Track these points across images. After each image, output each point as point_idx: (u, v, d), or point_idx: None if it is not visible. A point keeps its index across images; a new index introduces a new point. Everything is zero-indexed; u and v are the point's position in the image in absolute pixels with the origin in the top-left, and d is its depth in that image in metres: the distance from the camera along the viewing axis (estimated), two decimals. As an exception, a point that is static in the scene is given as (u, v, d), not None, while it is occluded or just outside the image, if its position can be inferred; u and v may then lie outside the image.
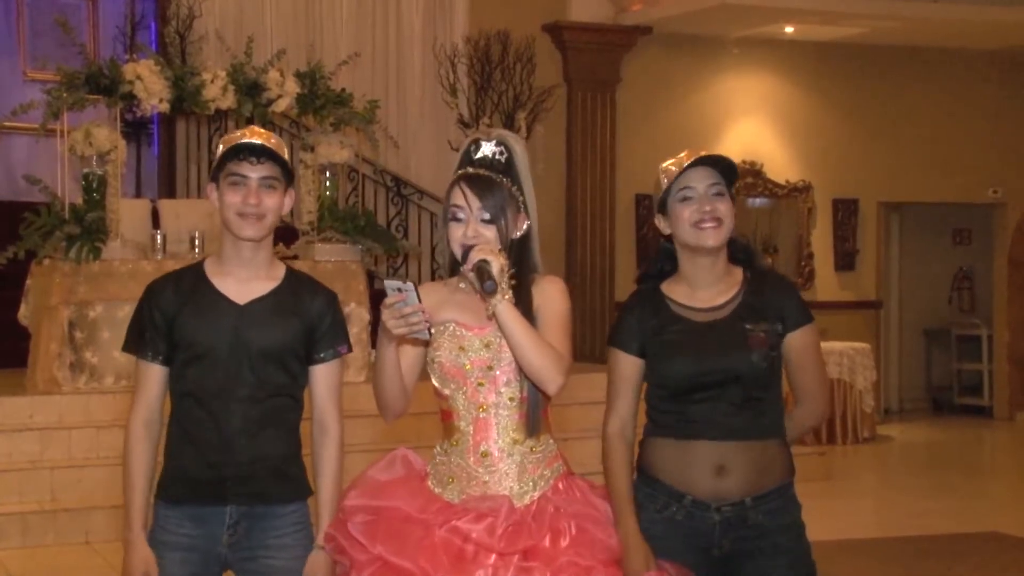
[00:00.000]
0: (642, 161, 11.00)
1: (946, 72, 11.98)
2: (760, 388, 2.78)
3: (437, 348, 2.62)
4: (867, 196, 11.99)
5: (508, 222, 2.61)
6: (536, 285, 2.64)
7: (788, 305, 2.83)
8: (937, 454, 10.47)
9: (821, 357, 2.92)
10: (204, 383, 2.79)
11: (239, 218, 2.77)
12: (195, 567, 2.80)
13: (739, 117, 11.62)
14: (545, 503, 2.55)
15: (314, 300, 2.88)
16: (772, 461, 2.79)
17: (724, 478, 2.74)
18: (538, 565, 2.45)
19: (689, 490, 2.76)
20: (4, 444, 7.05)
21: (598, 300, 10.72)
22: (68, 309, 7.47)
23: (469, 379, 2.60)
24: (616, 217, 11.02)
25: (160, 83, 7.76)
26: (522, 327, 2.50)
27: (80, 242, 7.40)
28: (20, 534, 6.68)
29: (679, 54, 11.14)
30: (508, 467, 2.58)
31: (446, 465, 2.62)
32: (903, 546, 6.97)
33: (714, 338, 2.78)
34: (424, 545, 2.47)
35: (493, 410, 2.59)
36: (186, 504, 2.80)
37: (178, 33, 9.87)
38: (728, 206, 2.80)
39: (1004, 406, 12.34)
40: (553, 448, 2.65)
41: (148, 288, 2.89)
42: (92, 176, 7.68)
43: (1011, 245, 12.48)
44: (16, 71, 10.78)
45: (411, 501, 2.57)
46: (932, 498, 8.38)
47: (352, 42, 10.30)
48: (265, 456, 2.80)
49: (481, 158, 2.64)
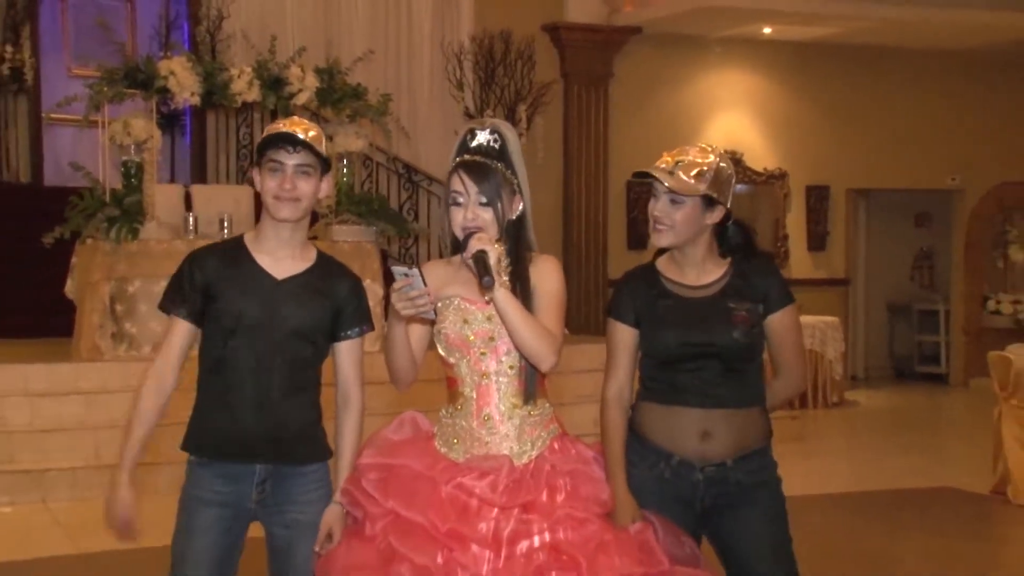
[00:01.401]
0: (633, 150, 11.00)
1: (911, 70, 12.01)
2: (741, 361, 2.77)
3: (443, 320, 2.61)
4: (837, 183, 12.04)
5: (504, 204, 2.60)
6: (533, 264, 2.63)
7: (771, 287, 2.82)
8: (899, 417, 10.50)
9: (800, 336, 2.91)
10: (240, 352, 2.77)
11: (276, 201, 2.77)
12: (226, 521, 2.79)
13: (721, 110, 11.64)
14: (542, 462, 2.55)
15: (342, 283, 2.88)
16: (752, 426, 2.80)
17: (708, 441, 2.75)
18: (536, 518, 2.45)
19: (676, 451, 2.77)
20: (53, 406, 7.09)
21: (592, 276, 10.76)
22: (109, 284, 7.50)
23: (472, 349, 2.59)
24: (609, 201, 11.04)
25: (192, 78, 7.76)
26: (517, 312, 2.50)
27: (119, 223, 7.43)
28: (69, 487, 6.73)
29: (667, 52, 11.14)
30: (508, 429, 2.57)
31: (451, 427, 2.62)
32: (869, 500, 7.00)
33: (700, 314, 2.77)
34: (432, 500, 2.47)
35: (494, 377, 2.59)
36: (218, 463, 2.79)
37: (208, 33, 9.90)
38: (685, 213, 2.74)
39: (959, 373, 12.44)
40: (550, 412, 2.65)
41: (191, 253, 2.88)
42: (130, 163, 7.71)
43: (967, 228, 12.57)
44: (61, 68, 10.76)
45: (419, 460, 2.57)
46: (894, 457, 8.42)
47: (367, 40, 10.32)
48: (292, 421, 2.80)
49: (476, 146, 2.63)
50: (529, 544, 2.42)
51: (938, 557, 5.76)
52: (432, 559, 2.41)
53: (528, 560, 2.40)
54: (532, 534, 2.43)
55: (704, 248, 2.82)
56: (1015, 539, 6.40)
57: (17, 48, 10.02)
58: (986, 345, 10.32)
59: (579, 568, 2.39)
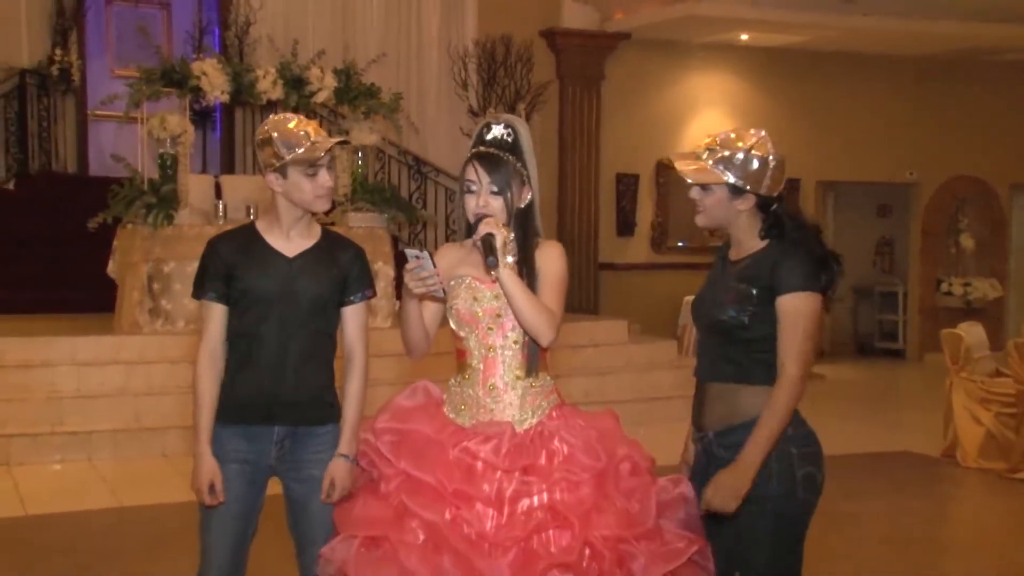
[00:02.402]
0: (622, 145, 11.03)
1: (873, 74, 12.00)
2: (731, 338, 2.59)
3: (455, 297, 2.61)
4: (807, 176, 12.00)
5: (513, 194, 2.58)
6: (539, 248, 2.62)
7: (783, 271, 2.53)
8: (861, 388, 10.53)
9: (804, 330, 2.52)
10: (259, 324, 2.78)
11: (319, 199, 2.81)
12: (248, 475, 2.80)
13: (702, 109, 11.61)
14: (542, 429, 2.54)
15: (345, 253, 2.88)
16: (741, 404, 2.59)
17: (702, 412, 2.69)
18: (536, 479, 2.45)
19: (692, 420, 2.76)
20: (96, 375, 7.11)
21: (584, 260, 10.76)
22: (147, 265, 7.50)
23: (481, 324, 2.59)
24: (600, 192, 11.03)
25: (222, 78, 7.76)
26: (520, 291, 2.49)
27: (156, 210, 7.43)
28: (111, 448, 6.76)
29: (653, 56, 11.12)
30: (511, 398, 2.57)
31: (459, 395, 2.62)
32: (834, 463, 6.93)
33: (717, 289, 2.67)
34: (440, 462, 2.47)
35: (500, 351, 2.58)
36: (240, 425, 2.80)
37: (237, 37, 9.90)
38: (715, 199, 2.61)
39: (915, 349, 12.47)
40: (550, 384, 2.64)
41: (210, 242, 2.88)
42: (166, 155, 7.71)
43: (923, 218, 12.60)
44: (104, 69, 10.76)
45: (430, 425, 2.57)
46: (856, 424, 8.43)
47: (380, 44, 10.34)
48: (307, 385, 2.80)
49: (491, 139, 2.61)
50: (528, 504, 2.43)
51: (894, 514, 5.80)
52: (440, 516, 2.41)
53: (527, 518, 2.41)
54: (531, 494, 2.44)
55: (742, 231, 2.66)
56: (963, 498, 6.44)
57: (65, 52, 10.01)
58: (939, 323, 10.38)
59: (572, 527, 2.39)
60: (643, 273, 11.18)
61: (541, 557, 2.36)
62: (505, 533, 2.39)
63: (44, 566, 4.71)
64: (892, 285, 12.84)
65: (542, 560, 2.36)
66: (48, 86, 10.04)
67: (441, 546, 2.38)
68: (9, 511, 5.60)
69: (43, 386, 7.01)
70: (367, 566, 2.42)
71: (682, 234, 11.25)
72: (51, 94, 10.13)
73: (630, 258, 11.25)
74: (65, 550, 4.93)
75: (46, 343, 7.20)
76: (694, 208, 2.68)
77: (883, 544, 5.18)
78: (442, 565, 2.36)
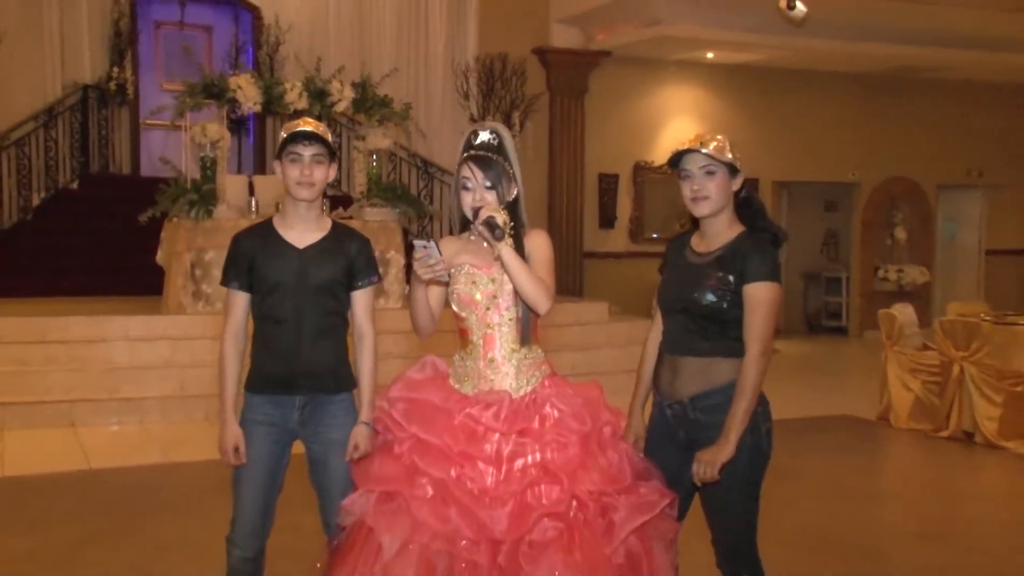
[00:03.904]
0: (603, 150, 11.01)
1: (822, 89, 11.99)
2: (706, 319, 2.55)
3: (456, 283, 2.58)
4: (765, 176, 12.00)
5: (504, 189, 2.55)
6: (527, 236, 2.59)
7: (752, 262, 2.51)
8: (809, 361, 10.55)
9: (766, 315, 2.50)
10: (277, 308, 2.76)
11: (297, 185, 2.75)
12: (275, 438, 2.79)
13: (674, 118, 11.58)
14: (535, 396, 2.53)
15: (352, 244, 2.84)
16: (714, 374, 2.57)
17: (674, 382, 2.64)
18: (530, 441, 2.44)
19: (659, 390, 2.71)
20: (147, 349, 7.11)
21: (570, 249, 10.74)
22: (190, 254, 7.48)
23: (479, 306, 2.56)
24: (584, 190, 11.01)
25: (255, 91, 7.73)
26: (520, 265, 2.46)
27: (198, 206, 7.40)
28: (160, 412, 6.77)
29: (631, 72, 11.08)
30: (508, 369, 2.55)
31: (462, 368, 2.60)
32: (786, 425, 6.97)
33: (691, 276, 2.61)
34: (447, 426, 2.46)
35: (497, 328, 2.56)
36: (267, 394, 2.78)
37: (268, 55, 9.90)
38: (717, 182, 2.56)
39: (856, 327, 12.49)
40: (541, 356, 2.62)
41: (234, 238, 2.86)
42: (206, 158, 7.68)
43: (864, 213, 12.61)
44: (154, 84, 10.73)
45: (437, 394, 2.56)
46: (805, 391, 8.46)
47: (392, 60, 10.30)
48: (322, 360, 2.78)
49: (480, 143, 2.58)
50: (524, 462, 2.42)
51: (834, 469, 5.82)
52: (447, 473, 2.40)
53: (523, 475, 2.40)
54: (526, 454, 2.42)
55: (727, 219, 2.61)
56: (895, 455, 6.47)
57: (121, 69, 10.02)
58: (876, 305, 10.42)
59: (562, 482, 2.39)
60: (622, 261, 11.19)
61: (534, 508, 2.36)
62: (503, 488, 2.38)
63: (104, 512, 4.72)
64: (836, 271, 12.85)
65: (535, 511, 2.35)
66: (107, 99, 10.06)
67: (448, 499, 2.38)
68: (75, 465, 5.63)
69: (102, 359, 7.01)
70: (383, 516, 2.42)
71: (656, 226, 11.30)
72: (109, 106, 10.14)
73: (610, 247, 11.24)
74: (122, 499, 4.95)
75: (104, 321, 7.18)
76: (694, 198, 2.58)
77: (823, 496, 5.20)
78: (449, 515, 2.36)
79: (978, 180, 13.03)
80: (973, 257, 13.39)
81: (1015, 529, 4.72)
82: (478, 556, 2.32)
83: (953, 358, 6.46)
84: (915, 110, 12.45)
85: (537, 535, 2.34)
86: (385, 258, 7.87)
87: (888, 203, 12.69)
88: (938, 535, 4.55)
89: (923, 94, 12.41)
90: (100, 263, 9.00)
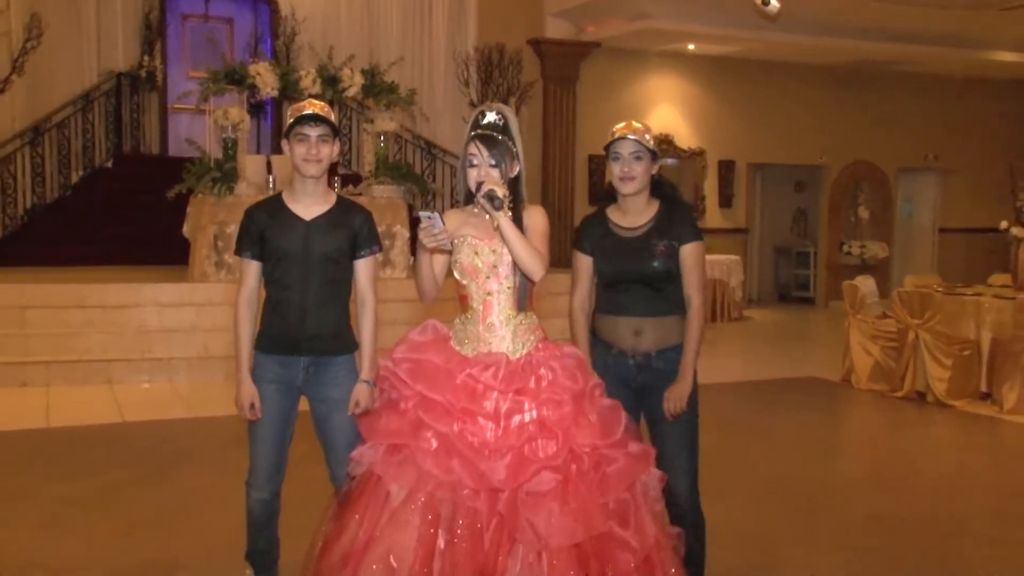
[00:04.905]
0: (593, 133, 10.90)
1: (792, 79, 11.89)
2: (660, 283, 2.70)
3: (458, 253, 2.55)
4: (741, 159, 12.00)
5: (507, 166, 2.51)
6: (526, 210, 2.55)
7: (683, 228, 2.71)
8: (779, 328, 10.56)
9: (702, 270, 2.72)
10: (286, 276, 2.73)
11: (305, 162, 2.73)
12: (283, 394, 2.77)
13: (658, 104, 11.51)
14: (530, 358, 2.50)
15: (356, 217, 2.81)
16: (672, 329, 2.73)
17: (638, 338, 2.72)
18: (527, 399, 2.42)
19: (615, 344, 2.75)
20: (175, 314, 7.07)
21: (562, 224, 10.67)
22: (213, 227, 7.42)
23: (480, 274, 2.53)
24: (575, 170, 10.94)
25: (272, 78, 7.65)
26: (517, 235, 2.43)
27: (220, 183, 7.33)
28: (186, 372, 6.75)
29: (619, 61, 10.98)
30: (505, 333, 2.52)
31: (463, 331, 2.56)
32: (757, 386, 7.07)
33: (631, 249, 2.72)
34: (449, 385, 2.44)
35: (496, 295, 2.52)
36: (274, 354, 2.76)
37: (285, 45, 9.83)
38: (643, 166, 2.70)
39: (823, 297, 12.48)
40: (535, 321, 2.59)
41: (247, 211, 2.82)
42: (228, 139, 7.59)
43: (830, 193, 12.57)
44: (182, 71, 10.67)
45: (439, 355, 2.52)
46: (775, 355, 8.49)
47: (399, 50, 10.22)
48: (326, 323, 2.75)
49: (487, 123, 2.53)
50: (520, 418, 2.39)
51: (803, 424, 5.83)
52: (450, 427, 2.38)
53: (520, 430, 2.37)
54: (523, 411, 2.40)
55: (646, 196, 2.76)
56: (856, 413, 6.48)
57: (151, 58, 9.98)
58: (841, 277, 10.41)
59: (557, 437, 2.37)
60: (608, 235, 11.15)
61: (532, 461, 2.34)
62: (502, 442, 2.36)
63: (137, 460, 4.72)
64: (805, 246, 12.82)
65: (533, 464, 2.33)
66: (138, 86, 10.03)
67: (451, 451, 2.36)
68: (111, 418, 5.63)
69: (134, 322, 6.98)
70: (391, 467, 2.40)
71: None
72: (140, 92, 10.10)
73: (598, 223, 11.20)
74: (152, 449, 4.95)
75: (137, 288, 7.14)
76: (620, 180, 2.71)
77: (791, 449, 5.21)
78: (451, 466, 2.34)
79: (933, 164, 13.01)
80: (928, 234, 13.39)
81: (957, 479, 4.75)
82: (479, 504, 2.31)
83: (909, 325, 6.46)
84: (878, 100, 12.40)
85: (535, 486, 2.32)
86: (391, 232, 7.82)
87: (853, 185, 12.65)
88: (889, 485, 4.56)
89: (885, 85, 12.36)
90: (133, 235, 8.95)
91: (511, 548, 2.28)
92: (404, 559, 2.28)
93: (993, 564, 3.51)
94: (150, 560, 3.40)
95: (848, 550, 3.60)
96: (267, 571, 2.93)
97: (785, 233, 13.04)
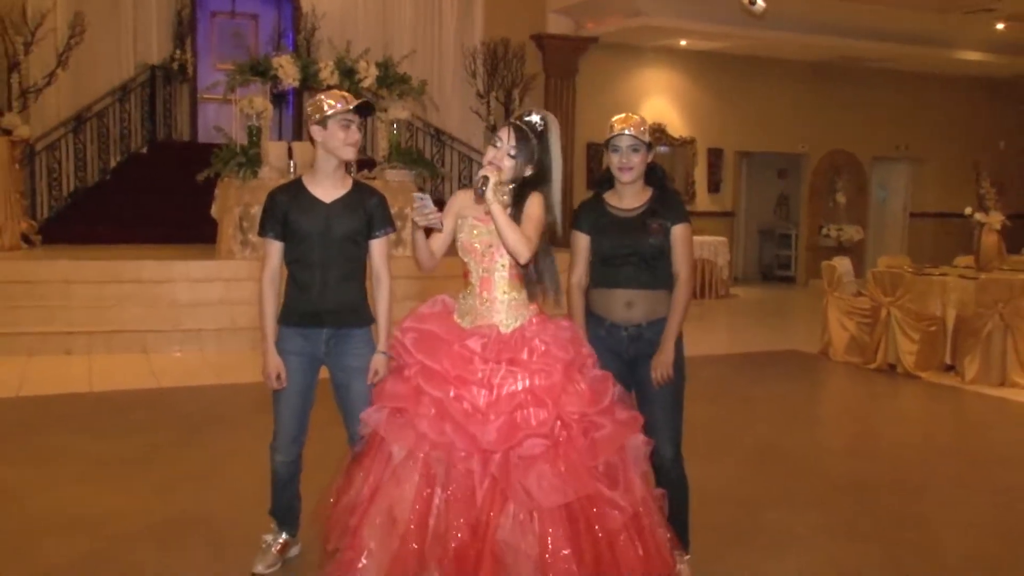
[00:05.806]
0: (591, 123, 10.83)
1: (777, 73, 11.80)
2: (653, 259, 2.70)
3: (460, 232, 2.54)
4: (728, 147, 11.93)
5: (521, 164, 2.49)
6: (527, 198, 2.51)
7: (673, 210, 2.74)
8: (763, 305, 10.53)
9: (690, 249, 2.74)
10: (307, 254, 2.72)
11: (348, 147, 2.72)
12: (306, 364, 2.77)
13: (652, 96, 11.42)
14: (522, 331, 2.48)
15: (371, 199, 2.79)
16: (661, 303, 2.73)
17: (631, 310, 2.72)
18: (519, 369, 2.40)
19: (608, 317, 2.74)
20: (204, 289, 7.06)
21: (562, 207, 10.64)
22: (239, 208, 7.40)
23: (478, 252, 2.52)
24: (575, 159, 10.87)
25: (294, 69, 7.60)
26: (505, 220, 2.39)
27: (246, 167, 7.30)
28: (215, 342, 6.76)
29: (616, 56, 10.89)
30: (500, 308, 2.50)
31: (464, 305, 2.55)
32: (741, 359, 7.06)
33: (627, 227, 2.72)
34: (447, 354, 2.43)
35: (493, 272, 2.51)
36: (298, 327, 2.75)
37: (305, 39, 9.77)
38: (641, 156, 2.71)
39: (803, 276, 12.42)
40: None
41: (269, 194, 2.80)
42: (253, 127, 7.56)
43: (811, 180, 12.51)
44: (209, 64, 10.63)
45: (441, 326, 2.51)
46: (759, 330, 8.47)
47: (411, 43, 10.15)
48: (345, 299, 2.74)
49: (528, 121, 2.52)
50: (512, 388, 2.38)
51: (784, 395, 5.82)
52: (446, 394, 2.38)
53: (511, 398, 2.36)
54: (515, 380, 2.39)
55: (641, 183, 2.77)
56: (832, 383, 6.47)
57: (183, 52, 9.93)
58: (820, 257, 10.35)
59: (547, 405, 2.36)
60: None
61: (522, 428, 2.33)
62: (494, 408, 2.35)
63: (170, 422, 4.73)
64: (787, 229, 12.77)
65: (522, 430, 2.33)
66: (170, 77, 9.99)
67: (445, 416, 2.36)
68: (146, 384, 5.64)
69: (167, 296, 6.97)
70: (393, 429, 2.41)
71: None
72: (172, 83, 10.06)
73: (596, 207, 11.17)
74: (184, 414, 4.96)
75: (169, 265, 7.13)
76: (620, 170, 2.72)
77: (774, 418, 5.20)
78: (445, 430, 2.34)
79: (905, 153, 12.95)
80: (899, 219, 13.34)
81: (924, 446, 4.74)
82: (472, 465, 2.31)
83: (881, 303, 6.44)
84: (855, 93, 12.31)
85: (526, 450, 2.31)
86: (404, 213, 7.79)
87: (831, 172, 12.57)
88: (861, 450, 4.56)
89: (862, 80, 12.27)
90: (166, 215, 8.94)
91: (503, 506, 2.28)
92: (403, 512, 2.30)
93: (953, 523, 3.52)
94: (184, 513, 3.43)
95: (824, 510, 3.60)
96: (289, 525, 2.97)
97: (769, 216, 12.98)
